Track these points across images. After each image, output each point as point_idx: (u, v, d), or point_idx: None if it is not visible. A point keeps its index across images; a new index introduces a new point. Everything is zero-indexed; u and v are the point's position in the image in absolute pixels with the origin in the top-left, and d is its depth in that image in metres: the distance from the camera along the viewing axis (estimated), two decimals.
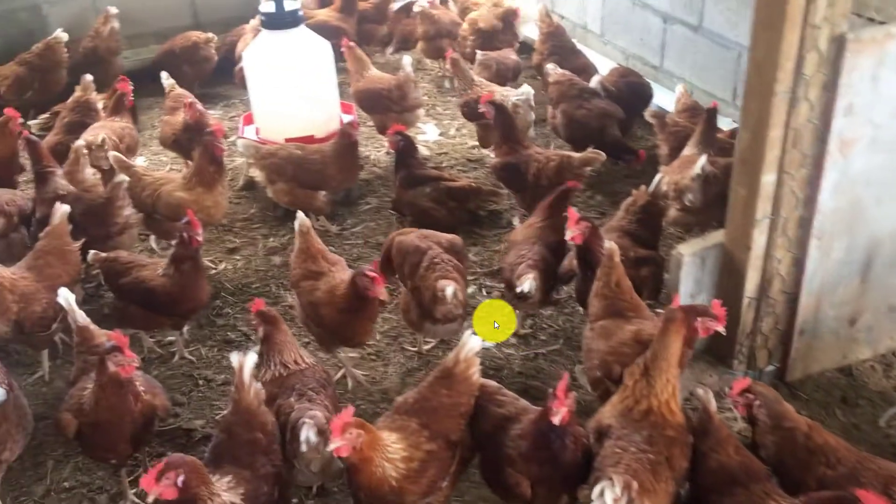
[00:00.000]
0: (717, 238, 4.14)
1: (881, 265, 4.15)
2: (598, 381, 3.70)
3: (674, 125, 5.71)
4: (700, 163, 4.73)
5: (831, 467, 3.12)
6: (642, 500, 2.91)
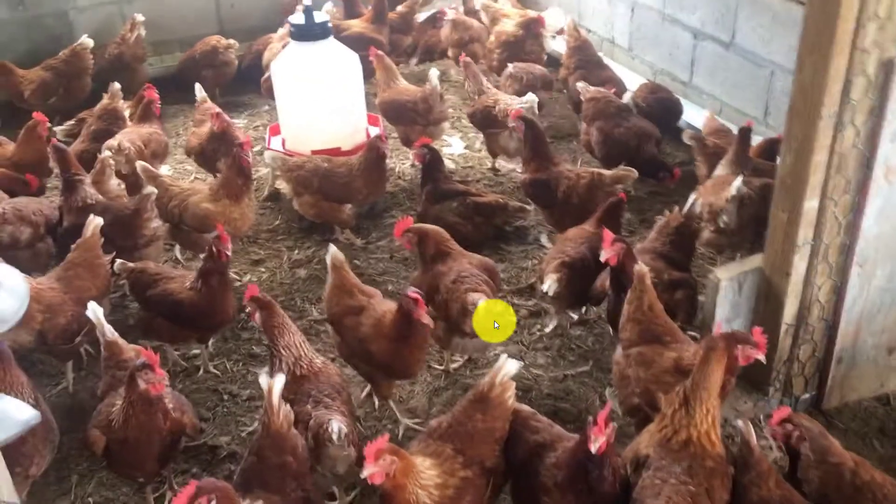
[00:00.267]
0: (754, 262, 4.06)
1: None
2: (636, 408, 3.63)
3: (714, 146, 5.62)
4: (736, 184, 4.65)
5: None
6: None
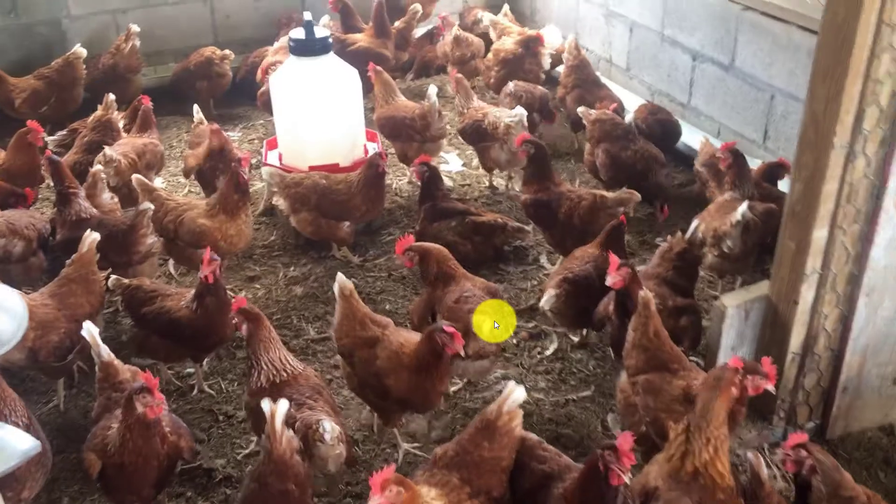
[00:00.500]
0: (761, 290, 4.03)
1: None
2: (643, 437, 3.58)
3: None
4: (741, 209, 4.62)
5: None
6: None
